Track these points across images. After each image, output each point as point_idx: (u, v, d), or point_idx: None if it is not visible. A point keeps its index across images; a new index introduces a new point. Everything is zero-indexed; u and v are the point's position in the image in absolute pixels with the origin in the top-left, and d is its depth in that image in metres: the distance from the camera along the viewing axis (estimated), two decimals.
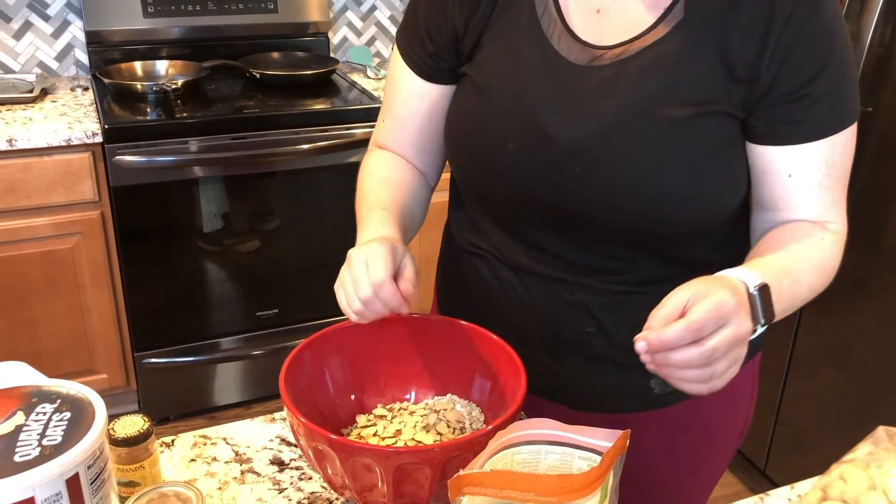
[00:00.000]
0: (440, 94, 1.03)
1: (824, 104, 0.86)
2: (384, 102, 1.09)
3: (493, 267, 1.03)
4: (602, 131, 0.87)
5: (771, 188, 0.90)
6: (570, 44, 0.90)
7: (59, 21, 2.60)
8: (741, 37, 0.84)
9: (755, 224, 0.96)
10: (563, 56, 0.90)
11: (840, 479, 0.78)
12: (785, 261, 0.85)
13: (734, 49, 0.84)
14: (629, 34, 0.88)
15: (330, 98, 2.53)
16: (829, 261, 0.90)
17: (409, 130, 1.06)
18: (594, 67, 0.89)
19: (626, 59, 0.87)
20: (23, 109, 2.30)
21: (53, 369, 2.22)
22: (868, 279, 1.91)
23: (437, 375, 1.00)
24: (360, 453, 0.78)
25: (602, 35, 0.90)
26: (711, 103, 0.86)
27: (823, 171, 0.88)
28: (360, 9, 2.98)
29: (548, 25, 0.91)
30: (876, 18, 1.79)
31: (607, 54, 0.88)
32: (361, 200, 1.03)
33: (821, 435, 2.10)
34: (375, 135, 1.11)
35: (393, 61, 1.06)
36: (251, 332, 2.56)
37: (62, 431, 0.71)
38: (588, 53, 0.89)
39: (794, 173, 0.88)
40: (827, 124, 0.86)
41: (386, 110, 1.09)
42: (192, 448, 1.01)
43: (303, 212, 2.45)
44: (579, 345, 1.01)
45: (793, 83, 0.84)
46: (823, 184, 0.89)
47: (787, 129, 0.86)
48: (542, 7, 0.92)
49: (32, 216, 2.19)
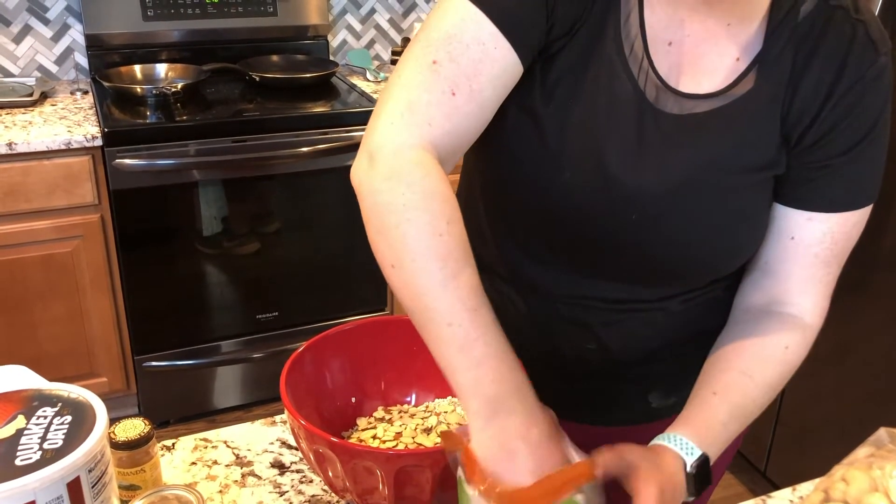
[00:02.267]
0: (516, 76, 0.80)
1: (849, 180, 0.85)
2: (446, 67, 0.75)
3: (494, 281, 1.00)
4: (664, 184, 0.83)
5: (771, 246, 0.89)
6: (647, 77, 0.83)
7: (58, 25, 2.60)
8: (803, 104, 0.82)
9: (743, 283, 0.94)
10: (641, 89, 0.82)
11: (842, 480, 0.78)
12: (738, 397, 0.83)
13: (795, 115, 0.83)
14: (698, 78, 0.84)
15: (329, 101, 2.53)
16: (789, 371, 0.88)
17: (485, 119, 0.79)
18: (666, 113, 0.83)
19: (699, 112, 0.83)
20: (22, 113, 2.31)
21: (54, 373, 2.22)
22: (868, 280, 1.91)
23: (438, 378, 1.00)
24: (361, 456, 0.78)
25: (671, 71, 0.84)
26: (769, 168, 0.85)
27: (826, 244, 0.87)
28: (360, 12, 2.98)
29: (630, 51, 0.82)
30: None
31: (679, 99, 0.84)
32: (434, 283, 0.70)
33: (821, 436, 2.10)
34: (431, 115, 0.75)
35: (465, 15, 0.76)
36: (251, 335, 2.56)
37: (63, 435, 0.71)
38: (663, 93, 0.83)
39: (796, 237, 0.87)
40: (845, 201, 0.86)
41: (458, 81, 0.75)
42: (193, 451, 1.01)
43: (302, 215, 2.45)
44: (579, 360, 0.99)
45: (828, 152, 0.84)
46: (821, 256, 0.87)
47: (805, 193, 0.86)
48: (626, 30, 0.82)
49: (32, 220, 2.19)
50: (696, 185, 0.83)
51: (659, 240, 0.86)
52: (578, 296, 0.94)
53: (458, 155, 0.79)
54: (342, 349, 0.97)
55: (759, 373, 0.85)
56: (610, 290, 0.93)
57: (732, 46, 0.83)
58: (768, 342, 0.87)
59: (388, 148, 0.74)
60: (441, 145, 0.76)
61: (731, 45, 0.83)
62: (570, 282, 0.94)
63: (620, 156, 0.83)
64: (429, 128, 0.75)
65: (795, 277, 0.88)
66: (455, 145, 0.77)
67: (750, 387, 0.84)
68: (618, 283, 0.92)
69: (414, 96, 0.75)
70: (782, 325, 0.88)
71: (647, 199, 0.84)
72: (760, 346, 0.86)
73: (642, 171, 0.83)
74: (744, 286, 0.94)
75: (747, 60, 0.83)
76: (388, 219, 0.72)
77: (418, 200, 0.71)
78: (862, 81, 0.82)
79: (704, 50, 0.83)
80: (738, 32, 0.83)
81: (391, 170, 0.73)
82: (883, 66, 0.82)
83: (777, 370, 0.86)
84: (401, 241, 0.71)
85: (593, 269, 0.92)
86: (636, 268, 0.90)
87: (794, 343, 0.87)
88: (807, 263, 0.87)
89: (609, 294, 0.93)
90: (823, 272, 0.88)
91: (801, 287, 0.88)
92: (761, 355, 0.86)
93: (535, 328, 0.99)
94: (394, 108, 0.75)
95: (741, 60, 0.83)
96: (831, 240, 0.86)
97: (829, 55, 0.81)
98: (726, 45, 0.83)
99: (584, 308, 0.95)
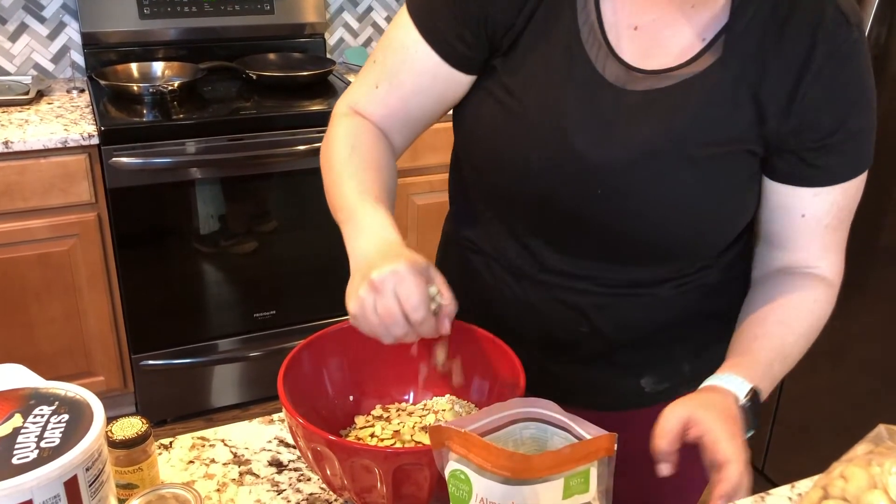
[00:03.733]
0: (461, 83, 0.94)
1: (846, 152, 0.88)
2: (378, 66, 0.96)
3: (490, 266, 1.03)
4: (629, 158, 0.87)
5: (782, 225, 0.93)
6: (607, 60, 0.88)
7: (54, 23, 2.60)
8: (775, 80, 0.84)
9: (759, 259, 0.99)
10: (600, 72, 0.87)
11: (841, 477, 0.78)
12: (777, 341, 0.90)
13: (767, 91, 0.85)
14: (665, 60, 0.87)
15: (326, 99, 2.53)
16: (820, 321, 0.94)
17: (411, 108, 0.96)
18: (628, 91, 0.87)
19: (661, 87, 0.86)
20: (19, 111, 2.30)
21: (51, 372, 2.22)
22: (866, 278, 1.92)
23: (436, 376, 1.00)
24: (359, 454, 0.78)
25: (637, 54, 0.88)
26: (738, 142, 0.87)
27: (833, 213, 0.91)
28: (357, 10, 2.98)
29: (587, 36, 0.88)
30: (871, 20, 1.79)
31: (643, 78, 0.87)
32: (342, 178, 0.92)
33: (819, 434, 2.10)
34: (355, 98, 0.99)
35: (401, 25, 0.94)
36: (249, 333, 2.56)
37: (60, 434, 0.71)
38: (624, 73, 0.87)
39: (807, 213, 0.91)
40: (846, 171, 0.89)
41: (382, 76, 0.96)
42: (191, 450, 1.01)
43: (300, 213, 2.45)
44: (572, 344, 1.01)
45: (820, 132, 0.86)
46: (831, 225, 0.92)
47: (808, 172, 0.89)
48: (583, 17, 0.88)
49: (29, 218, 2.18)
50: (660, 158, 0.86)
51: (629, 214, 0.89)
52: (569, 276, 0.97)
53: (403, 129, 0.98)
54: (340, 347, 0.97)
55: (795, 322, 0.91)
56: (599, 270, 0.95)
57: (699, 25, 0.86)
58: (797, 297, 0.92)
59: (333, 114, 1.02)
60: (375, 120, 0.98)
61: (697, 25, 0.86)
62: (557, 262, 0.97)
63: (586, 135, 0.87)
64: (356, 107, 0.99)
65: (811, 248, 0.93)
66: (391, 120, 0.97)
67: (787, 333, 0.90)
68: (603, 263, 0.95)
69: (354, 84, 1.00)
70: (807, 281, 0.93)
71: (614, 173, 0.87)
72: (791, 300, 0.92)
73: (608, 147, 0.87)
74: (760, 260, 0.98)
75: (712, 34, 0.86)
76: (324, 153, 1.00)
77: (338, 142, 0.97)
78: (837, 56, 0.83)
79: (672, 32, 0.87)
80: (702, 12, 0.86)
81: (329, 128, 1.01)
82: (857, 39, 0.84)
83: (809, 320, 0.92)
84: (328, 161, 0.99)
85: (577, 249, 0.95)
86: (615, 246, 0.93)
87: (821, 297, 0.93)
88: (819, 234, 0.92)
89: (599, 275, 0.96)
90: (835, 238, 0.93)
91: (818, 254, 0.93)
92: (793, 306, 0.92)
93: (529, 311, 1.01)
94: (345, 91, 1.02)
95: (707, 38, 0.86)
96: (837, 208, 0.90)
97: (798, 30, 0.83)
98: (693, 24, 0.86)
99: (577, 291, 0.97)
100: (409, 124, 0.99)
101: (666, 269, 0.96)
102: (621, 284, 0.96)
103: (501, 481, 0.70)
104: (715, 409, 0.79)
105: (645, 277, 0.96)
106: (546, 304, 0.99)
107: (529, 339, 1.02)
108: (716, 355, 1.03)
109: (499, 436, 0.76)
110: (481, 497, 0.71)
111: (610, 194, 0.88)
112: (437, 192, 2.61)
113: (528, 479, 0.69)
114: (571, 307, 0.98)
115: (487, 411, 0.76)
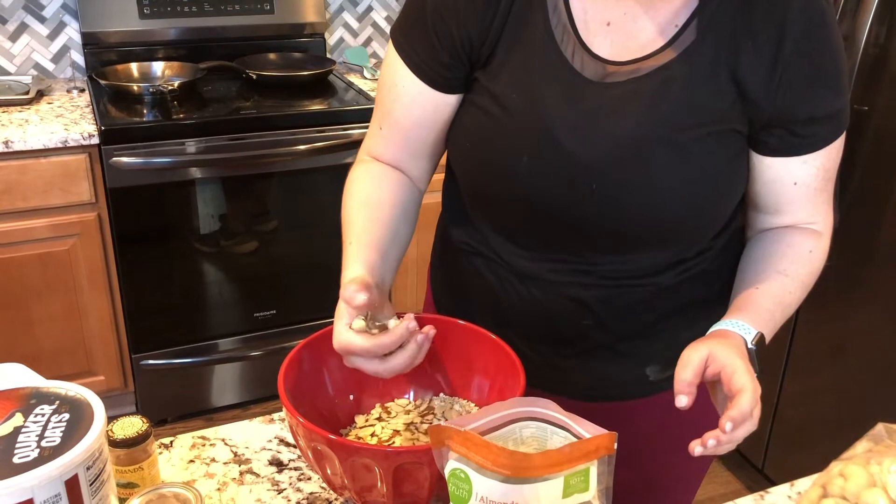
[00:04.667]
0: (449, 103, 0.98)
1: (829, 119, 0.91)
2: (378, 108, 1.03)
3: (491, 265, 1.03)
4: (617, 151, 0.88)
5: (776, 195, 0.96)
6: (583, 57, 0.90)
7: (54, 23, 2.60)
8: (752, 59, 0.86)
9: (753, 223, 1.01)
10: (578, 71, 0.89)
11: (840, 475, 0.78)
12: (777, 291, 0.93)
13: (745, 70, 0.86)
14: (640, 51, 0.89)
15: (327, 99, 2.53)
16: (816, 271, 0.98)
17: (411, 140, 1.01)
18: (608, 84, 0.89)
19: (639, 77, 0.88)
20: (19, 111, 2.30)
21: (51, 371, 2.22)
22: (865, 276, 1.92)
23: (436, 375, 1.00)
24: (360, 453, 0.78)
25: (613, 49, 0.89)
26: (722, 122, 0.88)
27: (821, 175, 0.94)
28: (357, 10, 2.98)
29: (562, 37, 0.90)
30: (871, 18, 1.79)
31: (620, 70, 0.89)
32: (344, 224, 0.98)
33: (818, 433, 2.11)
34: (368, 145, 1.05)
35: (389, 63, 0.99)
36: (249, 333, 2.56)
37: (61, 433, 0.71)
38: (601, 68, 0.89)
39: (798, 181, 0.94)
40: (829, 136, 0.92)
41: (382, 118, 1.02)
42: (191, 449, 1.01)
43: (300, 212, 2.45)
44: (576, 337, 1.02)
45: (803, 108, 0.88)
46: (819, 186, 0.95)
47: (797, 141, 0.91)
48: (555, 18, 0.90)
49: (29, 218, 2.18)
50: (648, 147, 0.88)
51: (623, 206, 0.90)
52: (570, 271, 0.97)
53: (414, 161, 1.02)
54: None
55: (794, 271, 0.95)
56: (599, 263, 0.96)
57: (669, 13, 0.88)
58: (794, 248, 0.96)
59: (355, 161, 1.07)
60: (387, 160, 1.03)
61: (668, 13, 0.88)
62: (556, 259, 0.98)
63: (572, 134, 0.89)
64: (372, 153, 1.04)
65: (804, 210, 0.97)
66: (400, 156, 1.02)
67: (787, 282, 0.94)
68: (603, 254, 0.96)
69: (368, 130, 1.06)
70: (801, 234, 0.97)
71: (604, 168, 0.89)
72: (788, 251, 0.96)
73: (595, 144, 0.88)
74: (753, 225, 1.01)
75: (684, 20, 0.87)
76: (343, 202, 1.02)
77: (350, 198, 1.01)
78: (811, 29, 0.85)
79: (644, 23, 0.89)
80: (671, 0, 0.87)
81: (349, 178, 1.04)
82: (825, 9, 0.87)
83: (806, 269, 0.96)
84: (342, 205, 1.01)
85: (574, 244, 0.96)
86: (612, 237, 0.94)
87: (816, 248, 0.97)
88: (809, 197, 0.95)
89: (600, 269, 0.97)
90: (822, 196, 0.96)
91: (810, 213, 0.97)
92: (791, 257, 0.96)
93: (532, 307, 1.01)
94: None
95: (679, 24, 0.88)
96: (824, 169, 0.94)
97: (769, 8, 0.85)
98: (664, 13, 0.88)
99: (579, 286, 0.98)
100: (417, 156, 1.02)
101: (665, 256, 0.97)
102: (623, 276, 0.97)
103: (501, 480, 0.70)
104: (731, 346, 0.83)
105: (646, 267, 0.97)
106: (549, 300, 1.00)
107: (533, 335, 1.02)
108: None
109: (498, 435, 0.76)
110: (481, 496, 0.71)
111: (602, 189, 0.89)
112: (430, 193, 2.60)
113: (528, 478, 0.70)
114: (575, 302, 0.99)
115: (487, 410, 0.76)
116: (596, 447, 0.71)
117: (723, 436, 0.76)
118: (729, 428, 0.76)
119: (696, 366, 0.81)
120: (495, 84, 0.93)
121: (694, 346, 0.84)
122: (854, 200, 1.89)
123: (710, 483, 2.27)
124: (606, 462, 0.72)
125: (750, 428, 0.79)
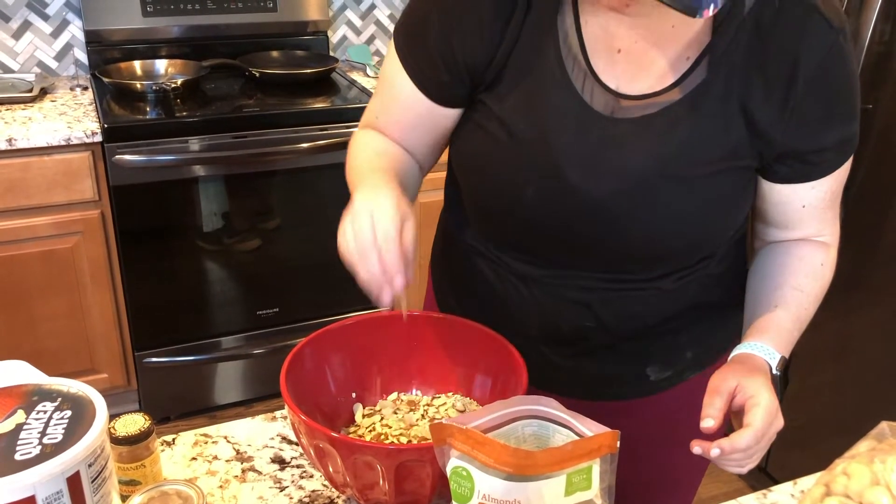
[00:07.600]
0: (447, 115, 0.97)
1: (839, 146, 0.91)
2: (378, 97, 1.02)
3: (492, 265, 1.03)
4: (623, 185, 0.88)
5: (784, 215, 0.97)
6: (593, 88, 0.88)
7: (58, 20, 2.60)
8: (764, 94, 0.85)
9: (761, 234, 1.02)
10: (588, 103, 0.88)
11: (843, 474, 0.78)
12: (794, 309, 0.95)
13: (757, 105, 0.85)
14: (650, 81, 0.87)
15: (329, 97, 2.53)
16: (827, 284, 0.99)
17: (409, 137, 1.01)
18: (617, 119, 0.87)
19: (650, 114, 0.87)
20: (22, 109, 2.30)
21: (54, 369, 2.22)
22: (867, 276, 1.91)
23: (438, 373, 1.00)
24: (362, 451, 0.78)
25: (623, 79, 0.88)
26: (731, 159, 0.88)
27: (828, 196, 0.95)
28: (360, 7, 2.98)
29: (572, 67, 0.88)
30: (875, 16, 1.79)
31: (631, 104, 0.87)
32: (355, 169, 0.95)
33: (821, 432, 2.10)
34: (370, 120, 1.04)
35: (391, 63, 0.97)
36: (252, 330, 2.56)
37: (63, 430, 0.71)
38: (612, 101, 0.88)
39: (807, 204, 0.95)
40: (840, 160, 0.92)
41: (381, 110, 1.02)
42: (193, 447, 1.01)
43: (303, 210, 2.45)
44: (578, 338, 1.02)
45: (815, 140, 0.88)
46: (827, 206, 0.96)
47: (806, 170, 0.92)
48: (566, 48, 0.88)
49: (32, 216, 2.18)
50: (654, 183, 0.87)
51: (625, 235, 0.91)
52: (572, 276, 0.98)
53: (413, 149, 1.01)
54: (342, 344, 0.97)
55: (808, 287, 0.96)
56: (601, 271, 0.97)
57: (681, 45, 0.85)
58: (806, 262, 0.97)
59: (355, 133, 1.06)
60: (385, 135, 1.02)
61: (679, 45, 0.86)
62: (558, 275, 0.98)
63: (579, 169, 0.87)
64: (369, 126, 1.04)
65: (811, 227, 0.98)
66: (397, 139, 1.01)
67: (802, 298, 0.95)
68: (604, 271, 0.96)
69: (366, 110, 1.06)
70: (812, 247, 0.98)
71: (608, 202, 0.88)
72: (801, 265, 0.97)
73: (602, 179, 0.87)
74: (760, 237, 1.02)
75: (696, 54, 0.85)
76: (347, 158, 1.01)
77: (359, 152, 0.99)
78: (824, 63, 0.84)
79: (655, 53, 0.86)
80: (684, 31, 0.85)
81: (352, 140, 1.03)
82: (842, 44, 0.85)
83: (819, 284, 0.97)
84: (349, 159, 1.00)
85: (577, 264, 0.96)
86: (612, 259, 0.94)
87: (826, 260, 0.98)
88: (817, 216, 0.96)
89: (602, 275, 0.97)
90: (830, 214, 0.97)
91: (819, 228, 0.98)
92: (805, 272, 0.97)
93: (535, 308, 1.01)
94: None
95: (691, 57, 0.86)
96: (831, 191, 0.95)
97: (783, 40, 0.83)
98: (675, 45, 0.86)
99: (582, 289, 0.98)
100: (419, 146, 1.02)
101: (668, 266, 0.97)
102: (625, 281, 0.97)
103: (504, 478, 0.70)
104: (760, 382, 0.84)
105: (650, 274, 0.97)
106: (551, 302, 1.00)
107: (535, 335, 1.02)
108: (717, 341, 1.05)
109: (501, 433, 0.76)
110: (483, 493, 0.71)
111: (605, 220, 0.90)
112: (431, 192, 2.60)
113: (531, 476, 0.69)
114: (578, 303, 0.99)
115: (489, 408, 0.76)
116: (598, 445, 0.71)
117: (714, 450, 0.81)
118: (715, 454, 0.80)
119: (724, 397, 0.84)
120: (502, 108, 0.91)
121: (723, 376, 0.85)
122: (857, 199, 1.88)
123: (712, 481, 2.27)
124: (609, 460, 0.72)
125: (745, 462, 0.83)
